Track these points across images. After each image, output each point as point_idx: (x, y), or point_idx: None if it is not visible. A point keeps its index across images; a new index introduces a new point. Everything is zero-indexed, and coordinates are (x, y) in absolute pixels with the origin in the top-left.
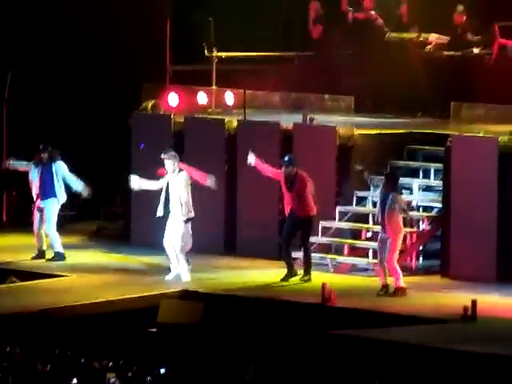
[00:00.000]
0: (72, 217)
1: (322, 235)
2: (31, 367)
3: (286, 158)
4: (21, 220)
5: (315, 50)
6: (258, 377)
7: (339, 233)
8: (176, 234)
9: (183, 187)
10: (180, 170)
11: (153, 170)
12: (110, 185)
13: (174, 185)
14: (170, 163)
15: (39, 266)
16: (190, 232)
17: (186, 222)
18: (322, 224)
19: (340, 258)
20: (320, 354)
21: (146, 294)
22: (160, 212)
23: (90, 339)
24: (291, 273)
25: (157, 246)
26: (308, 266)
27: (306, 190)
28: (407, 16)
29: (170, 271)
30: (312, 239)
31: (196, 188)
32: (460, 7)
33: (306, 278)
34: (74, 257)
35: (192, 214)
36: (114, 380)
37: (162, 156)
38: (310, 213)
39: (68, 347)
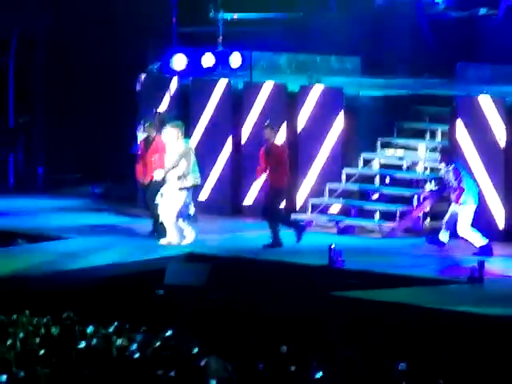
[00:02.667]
0: (79, 179)
1: (328, 196)
2: (38, 331)
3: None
4: (27, 183)
5: (322, 11)
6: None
7: (346, 194)
8: (171, 201)
9: (182, 156)
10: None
11: None
12: (118, 147)
13: (175, 153)
14: (173, 132)
15: (45, 229)
16: (188, 200)
17: (181, 190)
18: (329, 186)
19: (347, 220)
20: (325, 316)
21: (152, 256)
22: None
23: (96, 302)
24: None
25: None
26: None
27: (284, 162)
28: None
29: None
30: (318, 200)
31: (203, 152)
32: None
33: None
34: (81, 219)
35: (188, 183)
36: (121, 342)
37: (167, 126)
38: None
39: (75, 311)
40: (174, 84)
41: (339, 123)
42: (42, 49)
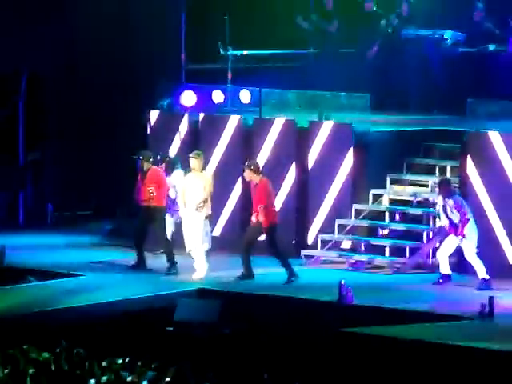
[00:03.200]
0: (88, 215)
1: (338, 233)
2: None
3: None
4: (37, 220)
5: (330, 47)
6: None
7: (356, 230)
8: (195, 232)
9: (208, 185)
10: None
11: None
12: (128, 183)
13: (198, 183)
14: (196, 161)
15: (55, 266)
16: (209, 231)
17: (205, 219)
18: (339, 222)
19: (356, 256)
20: (334, 353)
21: (162, 292)
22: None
23: (106, 338)
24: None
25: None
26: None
27: (268, 199)
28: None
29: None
30: (328, 236)
31: (214, 187)
32: (480, 4)
33: (293, 279)
34: (92, 256)
35: (210, 212)
36: (132, 378)
37: (190, 155)
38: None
39: (85, 347)
40: (184, 121)
41: (349, 159)
42: (53, 86)
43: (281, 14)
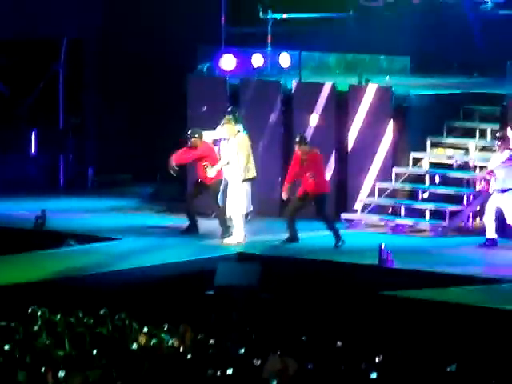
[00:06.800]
0: (128, 179)
1: (378, 196)
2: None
3: (298, 138)
4: (77, 184)
5: (370, 10)
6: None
7: (396, 194)
8: (233, 197)
9: (240, 150)
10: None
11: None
12: (167, 147)
13: (232, 148)
14: (228, 127)
15: (95, 230)
16: (248, 194)
17: (243, 183)
18: (379, 185)
19: (397, 219)
20: (374, 316)
21: (203, 256)
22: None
23: (147, 302)
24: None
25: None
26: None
27: (320, 168)
28: None
29: (226, 233)
30: (369, 200)
31: (253, 151)
32: None
33: (340, 243)
34: (132, 219)
35: (250, 175)
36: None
37: (223, 120)
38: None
39: (126, 311)
40: (223, 85)
41: (389, 123)
42: (92, 50)
43: None
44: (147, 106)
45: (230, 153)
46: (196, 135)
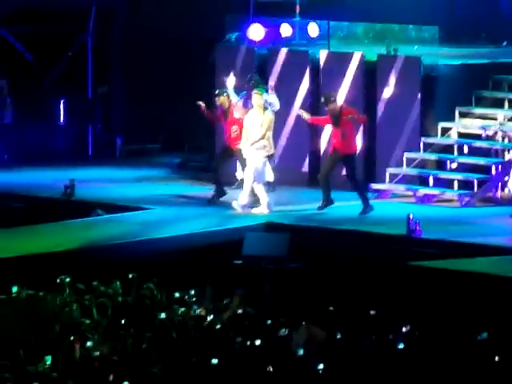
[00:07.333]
0: (157, 149)
1: (406, 166)
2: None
3: (322, 99)
4: (106, 153)
5: None
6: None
7: (424, 164)
8: (254, 169)
9: (265, 123)
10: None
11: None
12: (195, 117)
13: (258, 120)
14: (259, 98)
15: (124, 199)
16: (270, 166)
17: (266, 157)
18: (407, 155)
19: (425, 189)
20: (403, 286)
21: (231, 226)
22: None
23: (175, 272)
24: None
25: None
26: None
27: (349, 126)
28: None
29: (253, 204)
30: (396, 170)
31: (281, 121)
32: None
33: (367, 210)
34: (160, 189)
35: (272, 151)
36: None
37: (254, 91)
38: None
39: (154, 280)
40: (252, 54)
41: (417, 92)
42: (120, 20)
43: None
44: (175, 76)
45: (254, 125)
46: (224, 94)
